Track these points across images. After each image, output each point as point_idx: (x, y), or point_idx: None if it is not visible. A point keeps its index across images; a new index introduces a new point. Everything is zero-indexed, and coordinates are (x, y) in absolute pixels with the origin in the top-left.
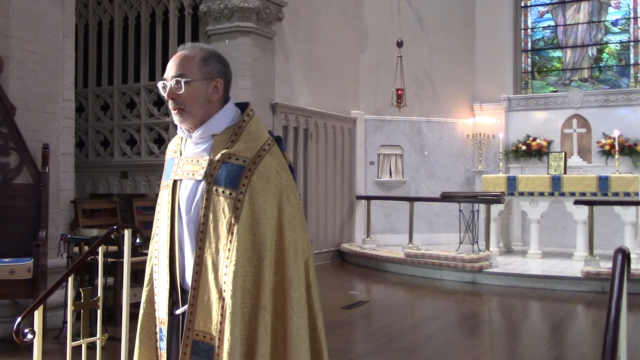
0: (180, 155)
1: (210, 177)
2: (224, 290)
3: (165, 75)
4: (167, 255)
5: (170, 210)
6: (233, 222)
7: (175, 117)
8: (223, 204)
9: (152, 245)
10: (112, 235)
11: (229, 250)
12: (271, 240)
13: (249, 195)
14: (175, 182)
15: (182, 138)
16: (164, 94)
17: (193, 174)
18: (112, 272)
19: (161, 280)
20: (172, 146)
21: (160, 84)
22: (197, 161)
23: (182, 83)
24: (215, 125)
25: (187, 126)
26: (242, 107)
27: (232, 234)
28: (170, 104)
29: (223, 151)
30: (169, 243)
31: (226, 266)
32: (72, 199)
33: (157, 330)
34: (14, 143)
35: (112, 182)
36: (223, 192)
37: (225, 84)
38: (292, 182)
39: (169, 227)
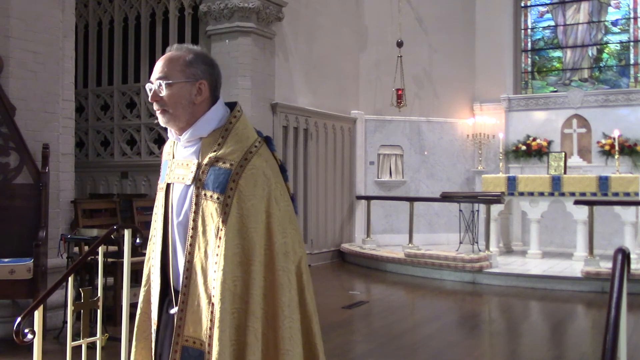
0: (173, 157)
1: (199, 182)
2: (213, 296)
3: (151, 77)
4: (160, 257)
5: (164, 213)
6: (221, 226)
7: (160, 118)
8: (211, 209)
9: (150, 246)
10: (112, 235)
11: (217, 255)
12: (260, 244)
13: (237, 199)
14: (168, 185)
15: (174, 140)
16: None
17: (183, 178)
18: (112, 272)
19: (154, 282)
20: (167, 148)
21: (147, 86)
22: (187, 165)
23: (164, 85)
24: (202, 127)
25: (172, 127)
26: (231, 106)
27: (220, 238)
28: (154, 106)
29: (210, 154)
30: (161, 245)
31: (214, 271)
32: (72, 199)
33: (153, 330)
34: (14, 143)
35: (112, 182)
36: (211, 196)
37: (211, 85)
38: (282, 184)
39: (163, 230)
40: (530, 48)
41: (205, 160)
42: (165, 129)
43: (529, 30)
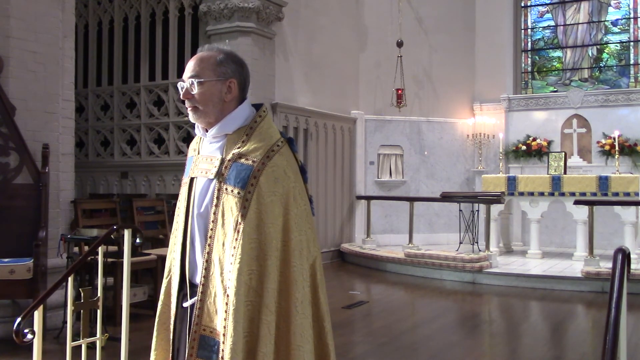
0: (198, 153)
1: (221, 176)
2: (228, 287)
3: (183, 76)
4: (180, 250)
5: (186, 207)
6: (240, 220)
7: (190, 115)
8: (232, 203)
9: (172, 239)
10: (112, 235)
11: (234, 248)
12: (277, 240)
13: (257, 194)
14: (192, 179)
15: (200, 137)
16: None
17: (206, 172)
18: (112, 272)
19: (175, 274)
20: (193, 144)
21: (179, 85)
22: (211, 160)
23: (196, 83)
24: (228, 124)
25: (202, 124)
26: (257, 107)
27: (239, 232)
28: (185, 103)
29: (234, 151)
30: (182, 238)
31: (231, 263)
32: (72, 199)
33: (171, 322)
34: (14, 143)
35: (112, 182)
36: (232, 191)
37: (240, 84)
38: (301, 184)
39: (184, 223)
40: (530, 48)
41: (229, 156)
42: (166, 129)
43: (529, 30)
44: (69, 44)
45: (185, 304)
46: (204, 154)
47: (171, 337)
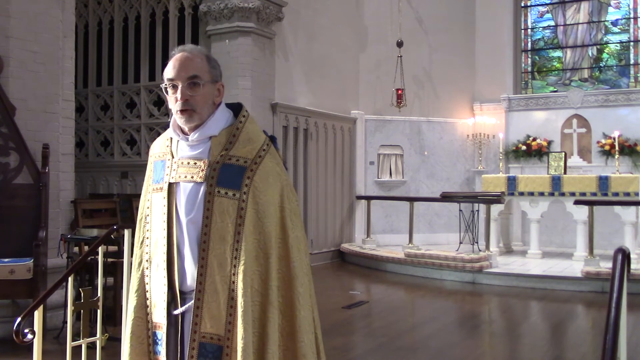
0: (172, 157)
1: (212, 179)
2: (233, 290)
3: (172, 76)
4: (165, 259)
5: (167, 213)
6: (239, 222)
7: (182, 119)
8: (226, 205)
9: (142, 249)
10: (112, 235)
11: (236, 250)
12: (275, 238)
13: (252, 195)
14: (170, 185)
15: (171, 139)
16: (174, 95)
17: (192, 177)
18: (112, 272)
19: (157, 284)
20: (159, 148)
21: (164, 86)
22: (195, 163)
23: (201, 85)
24: (212, 127)
25: (189, 127)
26: (233, 107)
27: (239, 234)
28: (179, 105)
29: (222, 153)
30: (166, 246)
31: (234, 266)
32: (72, 199)
33: (150, 334)
34: (14, 143)
35: (112, 182)
36: (226, 193)
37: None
38: (290, 181)
39: (167, 231)
40: (530, 48)
41: (217, 159)
42: (165, 129)
43: (529, 30)
44: (69, 44)
45: (176, 312)
46: (185, 158)
47: (149, 350)
